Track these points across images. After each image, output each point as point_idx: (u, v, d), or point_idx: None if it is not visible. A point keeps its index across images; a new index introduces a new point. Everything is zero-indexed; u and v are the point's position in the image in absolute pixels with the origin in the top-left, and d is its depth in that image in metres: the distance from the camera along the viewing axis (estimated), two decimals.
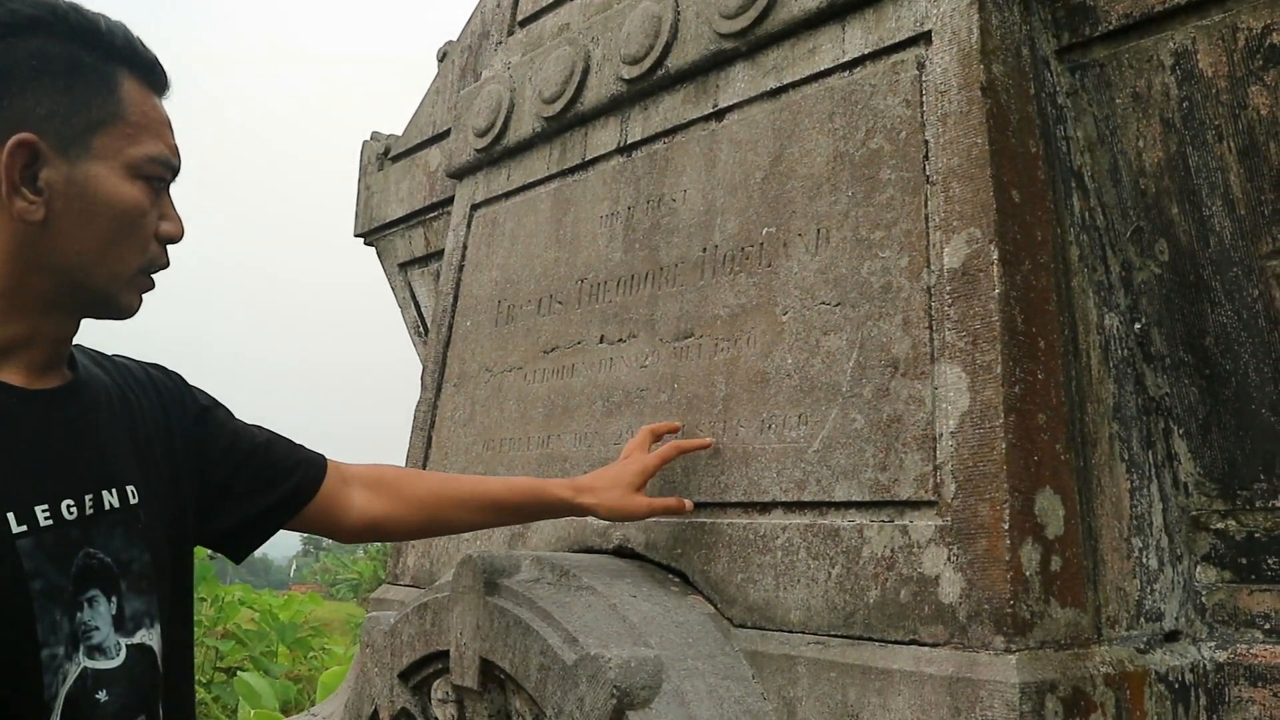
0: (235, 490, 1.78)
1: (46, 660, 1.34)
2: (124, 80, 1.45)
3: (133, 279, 1.49)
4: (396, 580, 3.22)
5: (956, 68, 2.04)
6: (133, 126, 1.45)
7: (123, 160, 1.44)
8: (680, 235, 2.55)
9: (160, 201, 1.50)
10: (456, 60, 3.86)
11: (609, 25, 2.84)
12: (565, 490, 2.20)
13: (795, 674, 1.99)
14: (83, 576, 1.41)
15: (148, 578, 1.50)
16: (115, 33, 1.45)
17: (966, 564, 1.83)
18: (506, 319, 3.05)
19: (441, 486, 2.14)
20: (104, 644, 1.42)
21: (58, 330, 1.48)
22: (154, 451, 1.61)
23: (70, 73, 1.41)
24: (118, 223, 1.44)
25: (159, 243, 1.51)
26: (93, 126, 1.42)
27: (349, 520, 1.98)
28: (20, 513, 1.35)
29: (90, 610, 1.41)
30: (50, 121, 1.39)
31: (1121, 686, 1.86)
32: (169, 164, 1.49)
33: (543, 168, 3.06)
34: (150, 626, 1.50)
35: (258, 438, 1.86)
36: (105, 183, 1.43)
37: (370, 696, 2.53)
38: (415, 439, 3.31)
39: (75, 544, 1.41)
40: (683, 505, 2.27)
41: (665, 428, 2.38)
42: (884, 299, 2.06)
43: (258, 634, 9.79)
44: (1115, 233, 2.15)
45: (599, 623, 2.06)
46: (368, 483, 2.02)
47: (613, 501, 2.18)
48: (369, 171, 4.42)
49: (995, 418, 1.85)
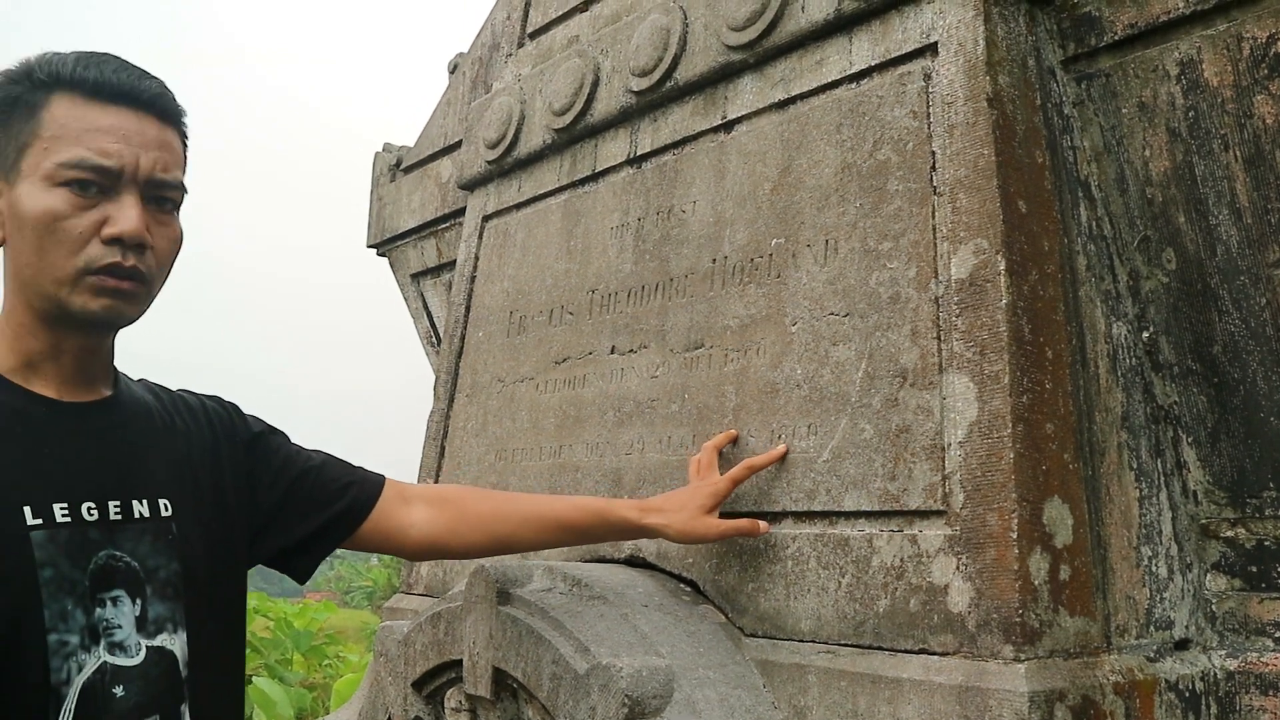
0: (288, 512, 1.88)
1: (55, 645, 1.46)
2: (51, 102, 1.53)
3: (78, 281, 1.52)
4: (410, 589, 3.24)
5: (963, 79, 2.06)
6: (48, 140, 1.52)
7: (40, 173, 1.51)
8: (690, 246, 2.56)
9: (110, 202, 1.53)
10: (467, 72, 3.88)
11: (618, 37, 2.86)
12: (632, 511, 2.15)
13: (806, 683, 2.00)
14: (104, 575, 1.52)
15: (174, 585, 1.61)
16: (50, 64, 1.55)
17: (975, 573, 1.84)
18: (518, 329, 3.07)
19: (504, 505, 2.15)
20: (125, 642, 1.53)
21: (78, 343, 1.58)
22: (197, 473, 1.72)
23: (8, 111, 1.54)
24: (37, 231, 1.51)
25: (105, 243, 1.52)
26: (20, 150, 1.53)
27: (410, 539, 2.02)
28: (36, 508, 1.48)
29: (113, 608, 1.52)
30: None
31: (1131, 695, 1.86)
32: (89, 165, 1.51)
33: (553, 179, 3.08)
34: (174, 631, 1.60)
35: (311, 460, 1.95)
36: (27, 198, 1.51)
37: (384, 705, 2.54)
38: (428, 449, 3.33)
39: (95, 544, 1.52)
40: (756, 528, 2.16)
41: (726, 439, 2.30)
42: (892, 309, 2.07)
43: (273, 642, 9.83)
44: (1122, 242, 2.16)
45: (611, 632, 2.07)
46: (431, 501, 2.06)
47: (682, 524, 2.12)
48: (381, 183, 4.44)
49: (1003, 427, 1.86)
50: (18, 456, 1.51)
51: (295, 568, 1.95)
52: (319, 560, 1.96)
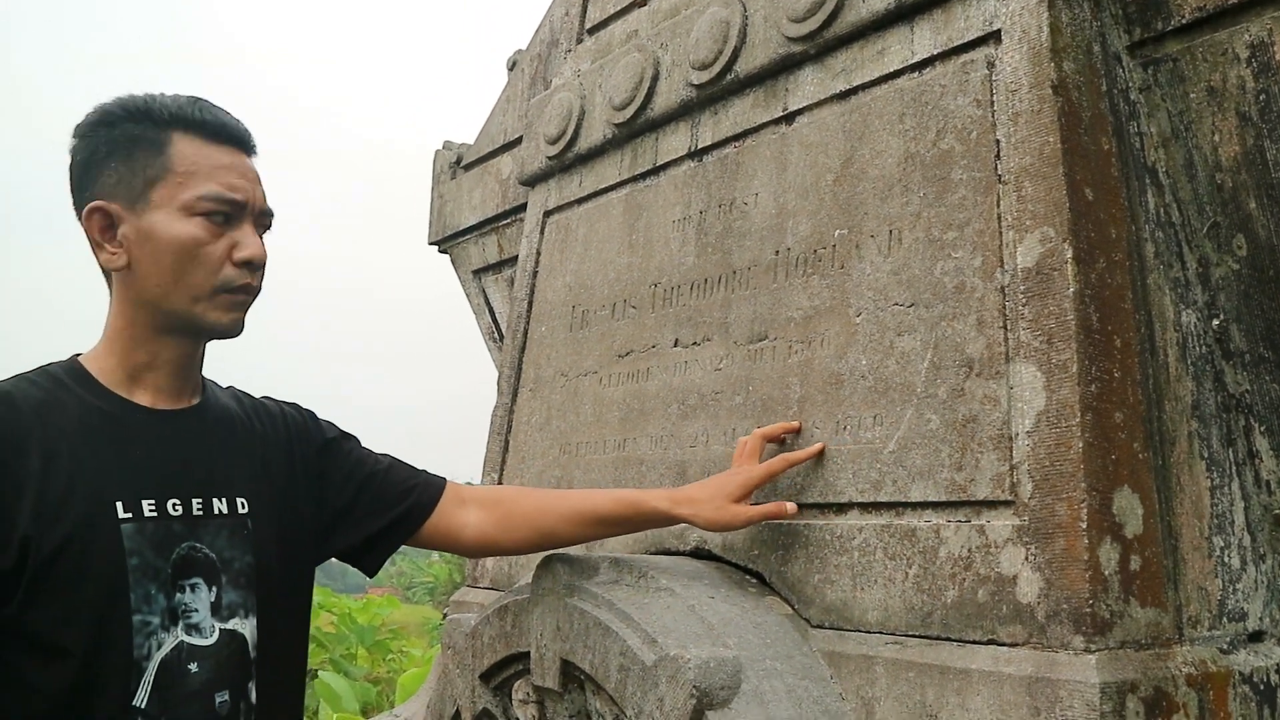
0: (356, 512, 2.08)
1: (138, 625, 1.67)
2: (175, 140, 1.76)
3: (213, 298, 1.78)
4: (475, 583, 3.27)
5: (1027, 66, 2.04)
6: (181, 175, 1.75)
7: (176, 204, 1.75)
8: (752, 238, 2.56)
9: (233, 230, 1.79)
10: (526, 69, 3.90)
11: (677, 31, 2.86)
12: (664, 502, 2.21)
13: (873, 674, 2.00)
14: (184, 564, 1.74)
15: (247, 575, 1.82)
16: (166, 105, 1.78)
17: (1044, 563, 1.82)
18: (581, 324, 3.08)
19: (548, 502, 2.24)
20: (201, 624, 1.74)
21: (175, 353, 1.82)
22: (272, 474, 1.94)
23: (130, 145, 1.75)
24: (179, 255, 1.75)
25: (236, 266, 1.79)
26: (149, 183, 1.75)
27: (465, 538, 2.18)
28: (127, 503, 1.70)
29: (192, 594, 1.74)
30: (118, 187, 1.75)
31: (1204, 687, 1.84)
32: (223, 199, 1.77)
33: (614, 174, 3.09)
34: (245, 617, 1.81)
35: (379, 464, 2.14)
36: (163, 226, 1.74)
37: (452, 697, 2.57)
38: (492, 443, 3.36)
39: (178, 536, 1.74)
40: (784, 510, 2.20)
41: (780, 430, 2.32)
42: (958, 299, 2.06)
43: (337, 637, 9.93)
44: (1191, 229, 2.14)
45: (678, 624, 2.08)
46: (484, 503, 2.21)
47: (710, 513, 2.18)
48: (441, 180, 4.48)
49: (1072, 417, 1.85)
50: (112, 458, 1.71)
51: (364, 563, 2.14)
52: (386, 556, 2.14)
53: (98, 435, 1.72)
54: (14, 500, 1.61)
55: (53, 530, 1.62)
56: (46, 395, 1.72)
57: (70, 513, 1.64)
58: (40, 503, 1.62)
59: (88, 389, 1.76)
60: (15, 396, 1.70)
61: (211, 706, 1.74)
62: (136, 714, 1.65)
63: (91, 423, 1.73)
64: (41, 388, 1.73)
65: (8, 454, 1.63)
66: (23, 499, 1.61)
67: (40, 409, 1.69)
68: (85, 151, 1.77)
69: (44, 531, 1.61)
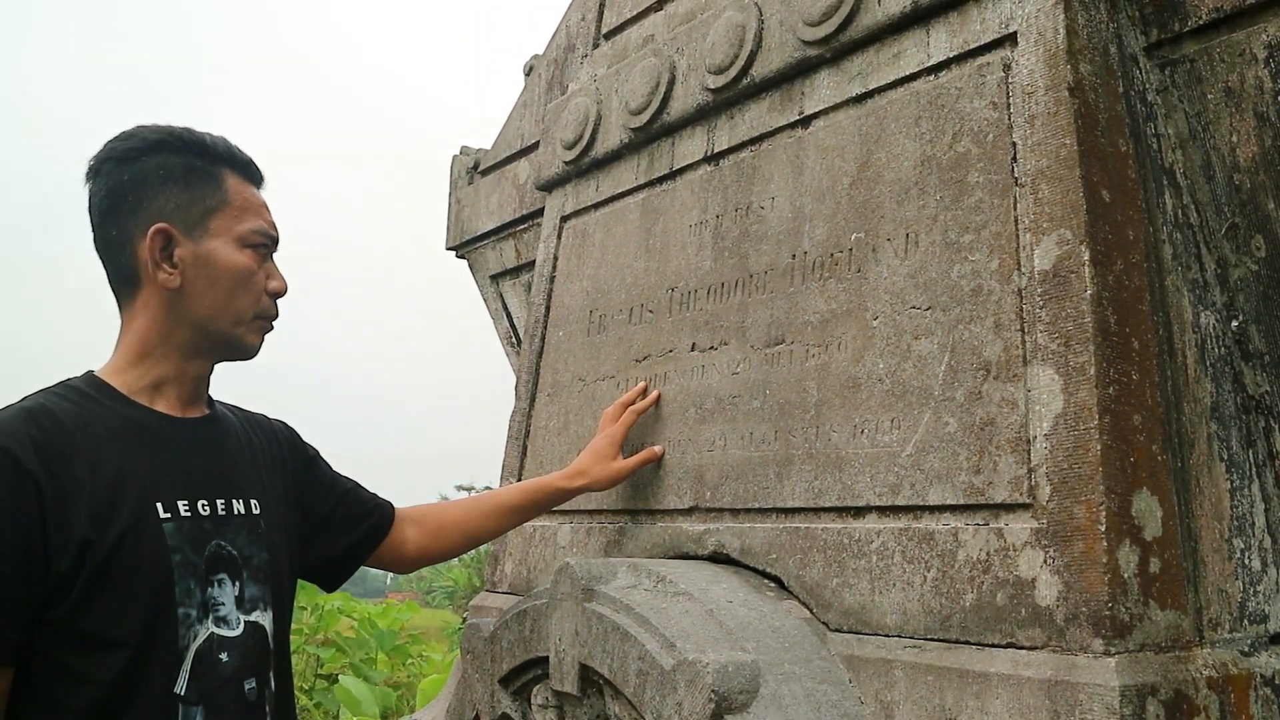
0: (332, 525, 2.28)
1: (181, 617, 1.80)
2: (227, 176, 1.96)
3: (251, 324, 1.98)
4: (494, 588, 3.27)
5: (1043, 68, 2.04)
6: (237, 209, 1.95)
7: (233, 235, 1.94)
8: (769, 242, 2.57)
9: (266, 264, 1.99)
10: (543, 74, 3.91)
11: (693, 36, 2.87)
12: (561, 480, 2.67)
13: (892, 678, 2.00)
14: (214, 560, 1.87)
15: (264, 571, 1.97)
16: (217, 143, 1.97)
17: (1063, 566, 1.82)
18: (598, 328, 3.09)
19: (468, 506, 2.62)
20: (228, 617, 1.88)
21: (197, 370, 1.98)
22: (271, 481, 2.09)
23: (187, 175, 1.92)
24: (234, 282, 1.94)
25: (268, 296, 1.99)
26: (208, 212, 1.92)
27: (406, 554, 2.44)
28: (166, 504, 1.83)
29: (219, 589, 1.87)
30: (177, 213, 1.90)
31: (1225, 690, 1.84)
32: (268, 235, 1.99)
33: (631, 178, 3.09)
34: (264, 610, 1.95)
35: (347, 483, 2.37)
36: (222, 253, 1.93)
37: (472, 702, 2.57)
38: (510, 448, 3.37)
39: (208, 534, 1.88)
40: (653, 454, 2.71)
41: (635, 393, 2.80)
42: (975, 302, 2.06)
43: (357, 641, 9.93)
44: (1209, 230, 2.13)
45: (696, 628, 2.08)
46: (414, 519, 2.47)
47: (598, 474, 2.66)
48: (459, 185, 4.49)
49: (1090, 419, 1.84)
50: (147, 463, 1.84)
51: (331, 576, 2.36)
52: (349, 574, 2.38)
53: (132, 442, 1.85)
54: (68, 506, 1.72)
55: (107, 531, 1.74)
56: (77, 407, 1.83)
57: (120, 514, 1.76)
58: (93, 506, 1.74)
59: (114, 400, 1.88)
60: (53, 410, 1.80)
61: (241, 693, 1.87)
62: (177, 700, 1.78)
63: (125, 430, 1.85)
64: (71, 400, 1.84)
65: (56, 463, 1.73)
66: (76, 504, 1.73)
67: (76, 420, 1.80)
68: (133, 173, 1.90)
69: (100, 532, 1.73)
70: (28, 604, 1.68)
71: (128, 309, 1.94)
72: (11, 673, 1.70)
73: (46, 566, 1.69)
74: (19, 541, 1.67)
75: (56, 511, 1.70)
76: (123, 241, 1.91)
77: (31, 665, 1.71)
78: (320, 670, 9.23)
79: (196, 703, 1.80)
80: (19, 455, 1.69)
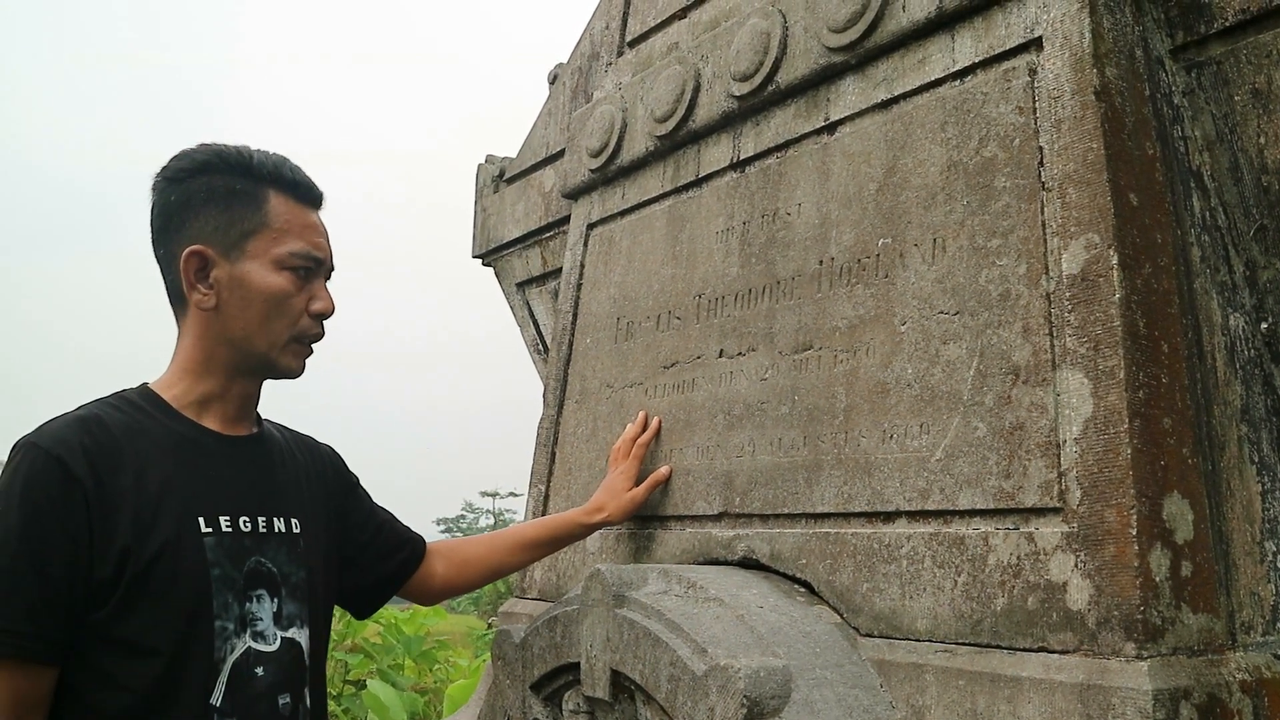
0: (367, 554, 2.32)
1: (218, 630, 1.83)
2: (270, 197, 1.97)
3: (287, 346, 1.99)
4: (524, 594, 3.29)
5: (1069, 73, 2.04)
6: (276, 231, 1.96)
7: (270, 257, 1.95)
8: (796, 249, 2.57)
9: (311, 285, 2.00)
10: (567, 82, 3.93)
11: (718, 43, 2.88)
12: (582, 515, 2.73)
13: (923, 682, 2.00)
14: (252, 577, 1.90)
15: (302, 589, 1.99)
16: (264, 163, 1.98)
17: (1094, 570, 1.82)
18: (626, 336, 3.10)
19: (491, 543, 2.66)
20: (265, 632, 1.90)
21: (242, 389, 2.01)
22: (314, 501, 2.13)
23: (228, 197, 1.94)
24: (268, 304, 1.95)
25: (311, 317, 2.00)
26: (246, 235, 1.94)
27: (433, 586, 2.49)
28: (208, 519, 1.87)
29: (257, 604, 1.90)
30: (215, 234, 1.93)
31: (1259, 693, 1.83)
32: (310, 256, 1.98)
33: (657, 186, 3.10)
34: (301, 627, 1.98)
35: (383, 514, 2.42)
36: (256, 275, 1.94)
37: (503, 708, 2.59)
38: (539, 456, 3.38)
39: (248, 550, 1.91)
40: (660, 477, 2.80)
41: (638, 427, 2.88)
42: (1003, 307, 2.06)
43: (384, 647, 9.96)
44: (1238, 232, 2.13)
45: (727, 633, 2.09)
46: (441, 554, 2.52)
47: (615, 508, 2.73)
48: (485, 194, 4.51)
49: (1120, 423, 1.85)
50: (192, 477, 1.88)
51: (364, 604, 2.39)
52: (385, 600, 2.41)
53: (178, 455, 1.89)
54: (113, 514, 1.77)
55: (148, 541, 1.78)
56: (129, 419, 1.87)
57: (162, 525, 1.80)
58: (137, 516, 1.78)
59: (164, 414, 1.93)
60: (105, 419, 1.84)
61: (276, 707, 1.90)
62: (213, 712, 1.81)
63: (172, 444, 1.90)
64: (124, 412, 1.89)
65: (104, 472, 1.78)
66: (121, 513, 1.77)
67: (126, 431, 1.85)
68: (180, 194, 1.94)
69: (141, 542, 1.77)
70: (72, 607, 1.73)
71: (180, 325, 2.00)
72: (56, 673, 1.74)
73: (90, 572, 1.74)
74: (66, 546, 1.72)
75: (102, 519, 1.75)
76: (169, 260, 1.96)
77: (70, 669, 1.76)
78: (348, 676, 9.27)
79: (231, 714, 1.83)
80: (70, 463, 1.75)
